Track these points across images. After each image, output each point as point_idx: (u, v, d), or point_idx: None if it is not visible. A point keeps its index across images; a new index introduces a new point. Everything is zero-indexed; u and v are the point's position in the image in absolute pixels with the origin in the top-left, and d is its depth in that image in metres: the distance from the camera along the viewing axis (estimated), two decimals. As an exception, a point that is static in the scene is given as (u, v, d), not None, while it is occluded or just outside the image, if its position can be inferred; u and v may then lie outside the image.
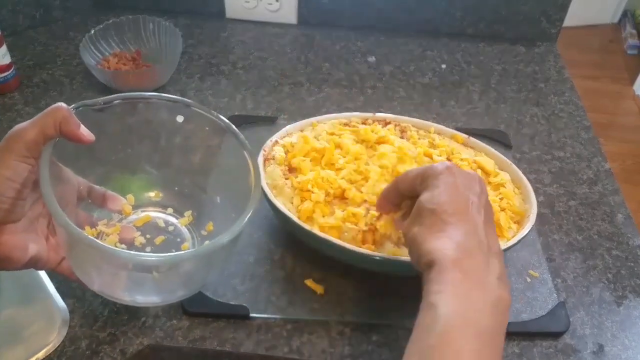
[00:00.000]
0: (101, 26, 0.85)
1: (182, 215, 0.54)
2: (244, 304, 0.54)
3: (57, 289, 0.55)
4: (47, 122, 0.41)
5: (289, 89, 0.86)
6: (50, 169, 0.40)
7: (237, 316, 0.54)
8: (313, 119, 0.67)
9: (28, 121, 0.41)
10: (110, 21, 0.85)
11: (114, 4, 1.01)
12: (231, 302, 0.55)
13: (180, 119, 0.50)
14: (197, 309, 0.54)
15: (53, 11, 0.98)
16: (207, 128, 0.50)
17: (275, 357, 0.52)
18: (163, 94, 0.49)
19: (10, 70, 0.81)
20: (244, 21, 1.02)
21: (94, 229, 0.49)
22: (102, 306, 0.54)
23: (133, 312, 0.54)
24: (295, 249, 0.60)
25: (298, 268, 0.59)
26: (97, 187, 0.50)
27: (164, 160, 0.53)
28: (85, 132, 0.43)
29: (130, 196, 0.53)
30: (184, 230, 0.53)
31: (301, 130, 0.67)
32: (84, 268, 0.44)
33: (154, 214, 0.54)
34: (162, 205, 0.55)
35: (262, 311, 0.54)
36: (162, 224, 0.53)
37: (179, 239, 0.52)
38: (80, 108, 0.45)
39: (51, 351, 0.51)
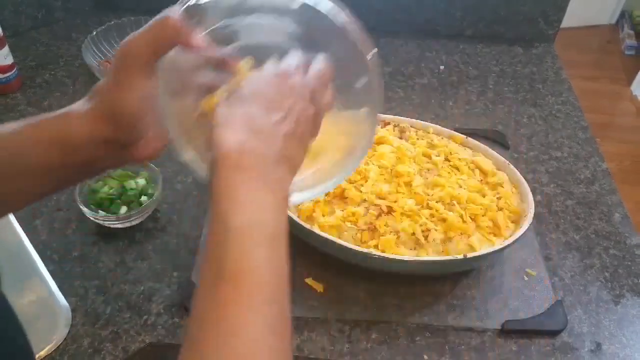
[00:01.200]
0: (103, 27, 0.85)
1: None
2: (245, 302, 0.55)
3: (60, 287, 0.56)
4: (159, 37, 0.39)
5: (289, 89, 0.87)
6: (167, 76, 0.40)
7: (238, 314, 0.54)
8: (313, 120, 0.68)
9: (138, 34, 0.39)
10: (112, 22, 0.86)
11: (115, 5, 1.02)
12: (232, 301, 0.55)
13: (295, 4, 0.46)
14: (198, 307, 0.55)
15: (55, 12, 0.98)
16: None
17: (275, 354, 0.52)
18: None
19: (13, 71, 0.81)
20: (244, 22, 1.02)
21: (214, 95, 0.48)
22: (104, 305, 0.55)
23: (135, 311, 0.55)
24: (296, 248, 0.60)
25: (298, 267, 0.59)
26: (213, 49, 0.46)
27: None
28: (199, 40, 0.40)
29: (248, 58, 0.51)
30: None
31: (301, 131, 0.67)
32: None
33: None
34: None
35: (262, 309, 0.55)
36: None
37: None
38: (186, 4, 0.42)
39: (53, 349, 0.51)
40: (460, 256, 0.53)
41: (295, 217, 0.55)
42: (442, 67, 0.94)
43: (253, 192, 0.36)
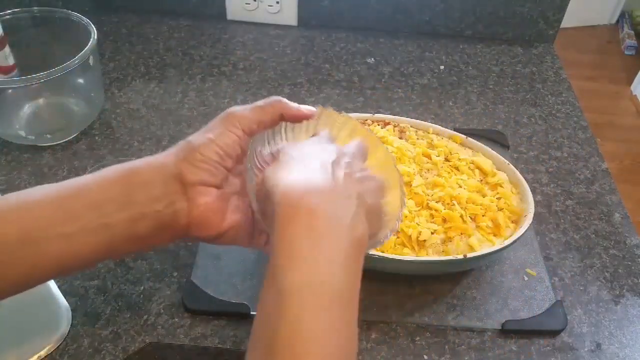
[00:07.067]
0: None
1: None
2: (245, 302, 0.55)
3: (60, 287, 0.56)
4: (266, 114, 0.41)
5: (289, 89, 0.87)
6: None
7: (238, 314, 0.55)
8: (313, 120, 0.68)
9: (246, 107, 0.41)
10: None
11: (115, 5, 1.02)
12: (232, 301, 0.55)
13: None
14: (198, 307, 0.55)
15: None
16: None
17: (275, 354, 0.52)
18: None
19: (14, 72, 0.81)
20: (244, 23, 1.02)
21: None
22: (104, 304, 0.55)
23: (135, 311, 0.55)
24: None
25: (298, 267, 0.59)
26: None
27: None
28: (305, 110, 0.42)
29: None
30: None
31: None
32: None
33: None
34: None
35: (262, 309, 0.55)
36: None
37: None
38: None
39: (53, 349, 0.51)
40: (460, 256, 0.53)
41: (295, 217, 0.55)
42: (442, 67, 0.94)
43: (312, 247, 0.31)
